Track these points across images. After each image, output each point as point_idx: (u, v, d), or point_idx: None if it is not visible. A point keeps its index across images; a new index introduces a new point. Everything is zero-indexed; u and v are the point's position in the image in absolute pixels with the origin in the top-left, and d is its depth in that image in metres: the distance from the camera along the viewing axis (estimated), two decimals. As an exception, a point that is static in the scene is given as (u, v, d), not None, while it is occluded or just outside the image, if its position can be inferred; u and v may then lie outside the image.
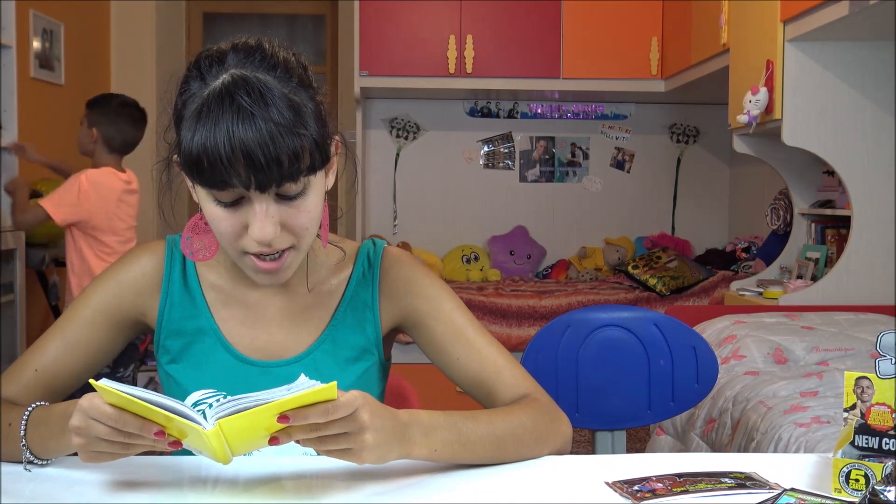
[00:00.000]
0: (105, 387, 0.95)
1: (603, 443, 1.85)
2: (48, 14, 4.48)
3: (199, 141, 1.04)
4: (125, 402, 0.96)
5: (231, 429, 0.97)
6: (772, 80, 3.23)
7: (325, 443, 1.00)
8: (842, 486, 1.07)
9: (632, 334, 1.83)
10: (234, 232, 1.11)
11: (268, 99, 1.05)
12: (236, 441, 1.00)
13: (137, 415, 0.97)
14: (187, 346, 1.24)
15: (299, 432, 0.98)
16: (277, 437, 0.99)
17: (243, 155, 1.04)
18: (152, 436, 0.98)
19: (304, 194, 1.10)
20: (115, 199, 3.36)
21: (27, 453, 1.10)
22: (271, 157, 1.04)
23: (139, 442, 0.99)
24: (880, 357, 1.08)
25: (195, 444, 1.01)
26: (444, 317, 1.26)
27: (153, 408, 0.95)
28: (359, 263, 1.29)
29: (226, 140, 1.03)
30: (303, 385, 0.95)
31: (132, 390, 0.96)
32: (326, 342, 1.25)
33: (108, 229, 3.35)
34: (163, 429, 0.98)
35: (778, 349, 2.77)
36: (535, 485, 1.13)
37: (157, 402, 0.96)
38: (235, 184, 1.06)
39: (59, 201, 3.24)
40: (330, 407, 0.96)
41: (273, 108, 1.05)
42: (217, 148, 1.03)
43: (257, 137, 1.03)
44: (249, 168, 1.04)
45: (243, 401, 0.96)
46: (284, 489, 1.10)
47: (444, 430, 1.11)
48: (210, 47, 1.13)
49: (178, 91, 1.12)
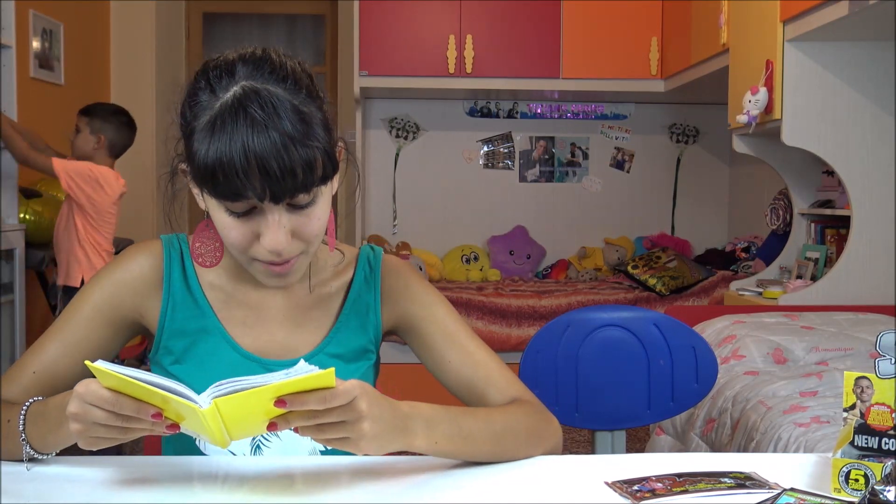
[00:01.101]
0: (101, 368, 0.95)
1: (603, 443, 1.85)
2: (48, 14, 4.48)
3: (215, 154, 1.05)
4: (122, 384, 0.96)
5: (228, 409, 0.96)
6: (771, 80, 3.23)
7: (323, 431, 1.00)
8: (841, 485, 1.07)
9: (631, 334, 1.83)
10: (246, 240, 1.12)
11: (280, 111, 1.06)
12: (234, 424, 0.99)
13: (134, 398, 0.97)
14: (191, 345, 1.25)
15: (297, 419, 0.99)
16: (276, 422, 0.99)
17: (259, 167, 1.05)
18: (150, 418, 0.98)
19: (313, 203, 1.12)
20: (114, 199, 3.53)
21: (27, 448, 1.10)
22: (286, 168, 1.05)
23: (137, 426, 0.99)
24: (880, 357, 1.08)
25: (193, 427, 1.01)
26: (438, 321, 1.29)
27: (150, 388, 0.95)
28: (360, 267, 1.31)
29: (241, 153, 1.04)
30: (301, 370, 0.95)
31: (128, 371, 0.95)
32: (332, 344, 1.27)
33: (102, 226, 3.49)
34: (160, 411, 0.98)
35: (777, 349, 2.77)
36: (535, 485, 1.13)
37: (153, 381, 0.96)
38: (250, 196, 1.07)
39: (69, 167, 3.41)
40: (328, 394, 0.97)
41: (286, 121, 1.06)
42: (233, 161, 1.04)
43: (272, 149, 1.05)
44: (265, 180, 1.05)
45: (241, 382, 0.96)
46: (290, 488, 1.11)
47: (445, 423, 1.12)
48: (216, 57, 1.14)
49: (185, 101, 1.12)
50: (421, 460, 1.18)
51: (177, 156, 1.18)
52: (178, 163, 1.18)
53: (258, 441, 1.23)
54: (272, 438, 1.23)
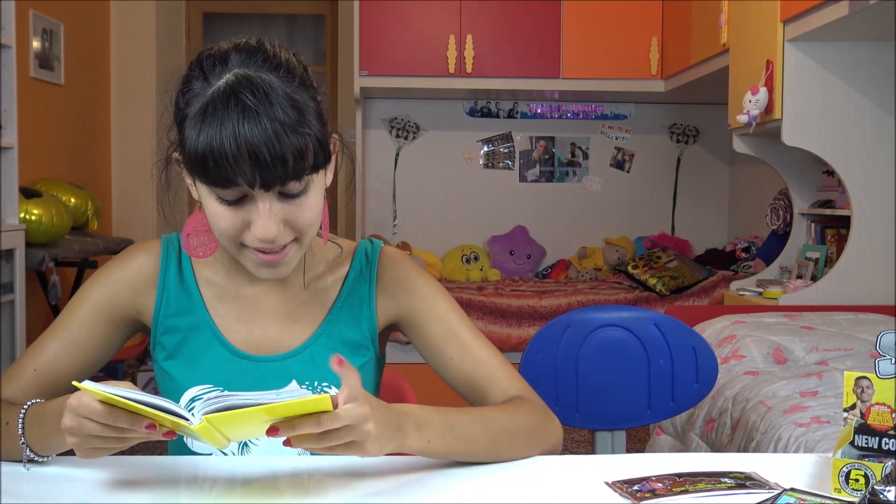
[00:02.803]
0: (90, 388, 0.95)
1: (603, 443, 1.85)
2: (48, 14, 4.48)
3: (205, 140, 1.05)
4: (112, 401, 0.96)
5: (220, 424, 0.96)
6: (771, 80, 3.23)
7: (329, 439, 0.98)
8: (841, 486, 1.07)
9: (632, 334, 1.83)
10: (236, 229, 1.11)
11: (272, 98, 1.06)
12: (229, 432, 1.00)
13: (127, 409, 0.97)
14: (183, 341, 1.24)
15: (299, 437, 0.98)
16: (278, 426, 0.97)
17: (249, 154, 1.04)
18: (143, 429, 0.98)
19: (305, 192, 1.11)
20: None
21: (27, 451, 1.10)
22: (277, 155, 1.05)
23: (133, 435, 0.99)
24: (880, 357, 1.08)
25: (188, 434, 1.01)
26: (440, 317, 1.27)
27: (140, 407, 0.95)
28: (356, 261, 1.30)
29: (231, 139, 1.04)
30: (294, 393, 0.95)
31: (117, 390, 0.95)
32: (323, 337, 1.25)
33: None
34: (154, 422, 0.98)
35: (778, 349, 2.77)
36: (535, 485, 1.13)
37: (142, 400, 0.95)
38: (240, 182, 1.06)
39: None
40: (327, 418, 0.96)
41: (277, 108, 1.06)
42: (223, 147, 1.04)
43: (263, 136, 1.04)
44: (255, 166, 1.05)
45: (232, 398, 0.95)
46: (280, 489, 1.10)
47: (436, 423, 1.12)
48: (211, 47, 1.14)
49: (179, 90, 1.12)
50: (414, 461, 1.18)
51: (170, 144, 1.17)
52: (171, 151, 1.17)
53: (245, 440, 1.22)
54: (261, 438, 1.22)
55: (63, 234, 3.92)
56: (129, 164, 5.22)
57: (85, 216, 4.35)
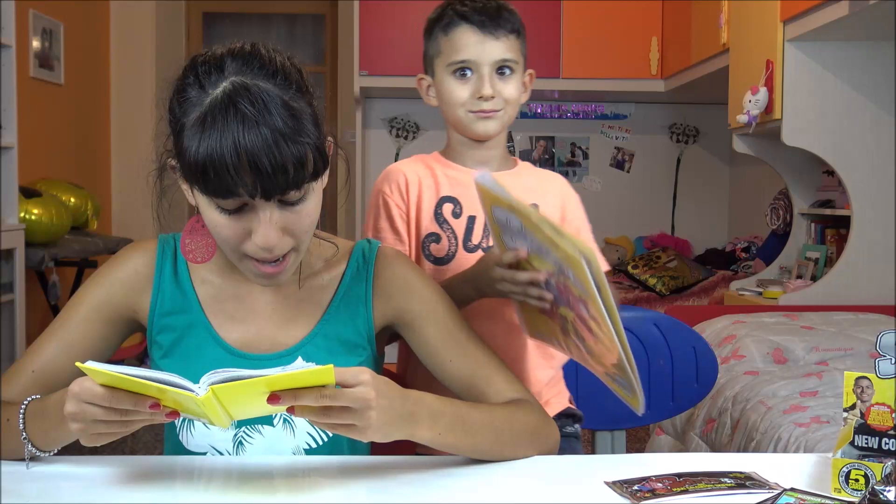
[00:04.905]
0: (93, 368, 0.95)
1: (603, 443, 1.85)
2: (48, 14, 4.48)
3: (205, 150, 1.04)
4: (115, 381, 0.96)
5: (225, 396, 0.97)
6: (771, 80, 3.23)
7: (329, 416, 1.00)
8: (841, 485, 1.07)
9: (632, 334, 1.83)
10: (237, 238, 1.11)
11: (270, 107, 1.05)
12: (232, 407, 1.00)
13: (130, 391, 0.97)
14: (178, 340, 1.24)
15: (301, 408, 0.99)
16: (279, 395, 0.97)
17: (250, 163, 1.04)
18: (147, 409, 0.98)
19: (304, 200, 1.11)
20: None
21: (29, 446, 1.11)
22: (277, 164, 1.04)
23: (136, 418, 0.99)
24: (880, 357, 1.08)
25: (191, 412, 1.01)
26: (438, 318, 1.27)
27: (144, 382, 0.95)
28: (353, 260, 1.29)
29: (232, 149, 1.03)
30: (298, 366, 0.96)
31: (120, 368, 0.95)
32: (318, 336, 1.25)
33: None
34: (157, 401, 0.98)
35: (778, 349, 2.77)
36: (535, 485, 1.13)
37: (146, 375, 0.96)
38: (241, 192, 1.06)
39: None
40: (330, 393, 0.97)
41: (276, 117, 1.05)
42: (224, 157, 1.04)
43: (263, 146, 1.04)
44: (256, 176, 1.05)
45: (237, 371, 0.96)
46: (276, 488, 1.10)
47: (449, 414, 1.13)
48: (204, 52, 1.13)
49: (174, 97, 1.11)
50: (410, 460, 1.18)
51: (166, 151, 1.17)
52: (167, 159, 1.17)
53: (240, 437, 1.22)
54: (255, 436, 1.22)
55: (63, 234, 3.92)
56: (128, 163, 5.22)
57: (85, 216, 4.35)
